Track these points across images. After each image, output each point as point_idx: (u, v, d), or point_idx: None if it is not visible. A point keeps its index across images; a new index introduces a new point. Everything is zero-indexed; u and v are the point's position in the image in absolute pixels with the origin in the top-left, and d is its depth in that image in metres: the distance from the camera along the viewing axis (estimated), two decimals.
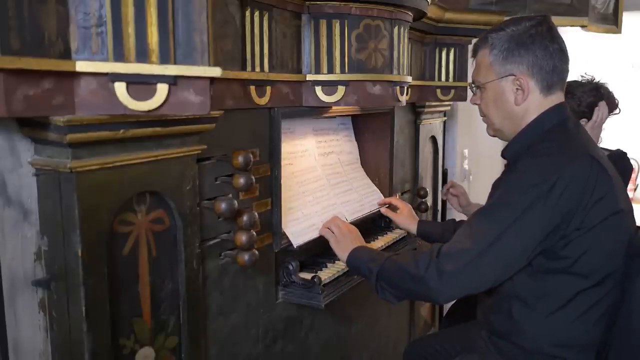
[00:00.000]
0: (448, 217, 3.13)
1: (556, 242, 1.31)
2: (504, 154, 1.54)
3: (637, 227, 1.43)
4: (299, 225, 1.71)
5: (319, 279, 1.60)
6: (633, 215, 1.43)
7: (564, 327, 1.36)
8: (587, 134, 1.47)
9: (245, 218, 1.35)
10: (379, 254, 1.53)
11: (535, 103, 1.43)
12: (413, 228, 2.01)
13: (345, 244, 1.62)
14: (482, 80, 1.50)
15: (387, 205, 2.11)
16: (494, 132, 1.56)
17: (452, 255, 1.32)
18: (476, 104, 1.57)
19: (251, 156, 1.36)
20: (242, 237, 1.35)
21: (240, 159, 1.34)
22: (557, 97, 1.45)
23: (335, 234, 1.66)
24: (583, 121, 2.30)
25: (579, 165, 1.30)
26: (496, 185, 1.45)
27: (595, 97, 2.34)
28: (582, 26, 2.84)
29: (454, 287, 1.32)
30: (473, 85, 1.56)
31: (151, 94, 0.94)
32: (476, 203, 2.15)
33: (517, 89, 1.43)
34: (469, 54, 2.47)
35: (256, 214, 1.39)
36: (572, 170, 1.29)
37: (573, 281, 1.34)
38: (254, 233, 1.38)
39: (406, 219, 2.03)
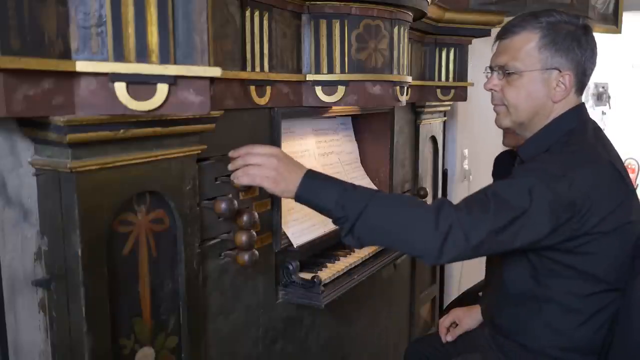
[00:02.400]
0: None
1: (569, 241, 1.27)
2: (519, 152, 1.48)
3: None
4: (299, 226, 1.71)
5: (319, 279, 1.60)
6: None
7: (570, 331, 1.36)
8: (606, 138, 1.44)
9: (245, 218, 1.35)
10: (347, 187, 1.24)
11: (564, 102, 1.38)
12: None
13: (285, 176, 1.23)
14: (521, 66, 1.36)
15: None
16: (514, 124, 1.44)
17: (477, 230, 1.18)
18: (494, 90, 1.43)
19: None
20: (242, 237, 1.34)
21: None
22: (580, 99, 1.43)
23: (266, 165, 1.23)
24: None
25: (600, 169, 1.28)
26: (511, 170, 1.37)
27: None
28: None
29: (461, 256, 1.21)
30: (506, 70, 1.39)
31: (151, 94, 0.94)
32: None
33: (557, 85, 1.36)
34: (469, 53, 2.48)
35: (256, 214, 1.39)
36: (592, 171, 1.26)
37: (583, 285, 1.33)
38: (254, 233, 1.38)
39: (473, 320, 1.76)
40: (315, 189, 1.24)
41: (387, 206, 1.23)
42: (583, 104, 1.43)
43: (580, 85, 1.40)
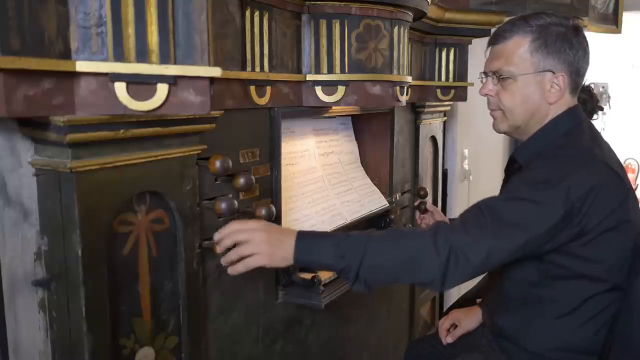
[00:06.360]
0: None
1: (570, 242, 1.28)
2: (516, 156, 1.49)
3: None
4: (299, 226, 1.70)
5: (319, 278, 1.60)
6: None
7: (571, 331, 1.36)
8: (602, 137, 1.44)
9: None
10: (341, 237, 1.26)
11: (559, 103, 1.39)
12: None
13: (278, 245, 1.22)
14: (514, 70, 1.38)
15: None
16: (511, 128, 1.45)
17: (477, 250, 1.21)
18: (489, 95, 1.45)
19: (230, 162, 1.27)
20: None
21: (218, 164, 1.23)
22: (575, 100, 1.43)
23: (255, 240, 1.21)
24: None
25: (597, 171, 1.28)
26: (507, 180, 1.39)
27: (586, 94, 2.44)
28: (582, 26, 2.84)
29: (467, 276, 1.24)
30: (500, 75, 1.40)
31: (151, 94, 0.94)
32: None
33: (551, 86, 1.37)
34: (469, 53, 2.48)
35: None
36: (588, 174, 1.26)
37: (585, 286, 1.33)
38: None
39: (472, 321, 1.80)
40: (311, 248, 1.25)
41: (386, 243, 1.25)
42: (578, 104, 1.44)
43: (575, 86, 1.40)
